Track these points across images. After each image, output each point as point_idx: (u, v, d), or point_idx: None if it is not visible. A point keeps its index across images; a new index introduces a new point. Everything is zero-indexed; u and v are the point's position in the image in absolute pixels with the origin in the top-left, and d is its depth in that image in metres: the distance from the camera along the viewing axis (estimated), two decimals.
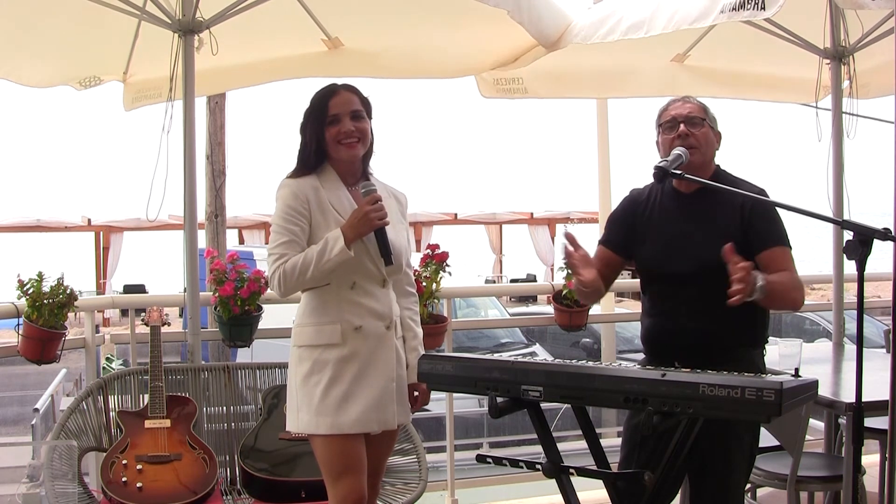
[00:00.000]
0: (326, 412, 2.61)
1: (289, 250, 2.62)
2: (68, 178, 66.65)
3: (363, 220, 2.60)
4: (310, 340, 2.68)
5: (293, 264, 2.60)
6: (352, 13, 4.19)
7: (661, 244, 2.74)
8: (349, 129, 2.68)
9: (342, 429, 2.61)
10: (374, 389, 2.66)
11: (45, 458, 3.06)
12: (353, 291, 2.67)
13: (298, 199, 2.66)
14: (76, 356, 4.52)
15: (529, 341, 11.57)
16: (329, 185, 2.72)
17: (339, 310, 2.66)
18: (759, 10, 2.98)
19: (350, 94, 2.73)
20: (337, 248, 2.56)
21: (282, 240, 2.64)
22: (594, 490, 3.19)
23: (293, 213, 2.65)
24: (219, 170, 8.25)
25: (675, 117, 2.72)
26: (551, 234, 20.17)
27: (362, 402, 2.63)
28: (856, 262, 2.23)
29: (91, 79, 4.36)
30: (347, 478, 2.61)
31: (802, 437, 2.96)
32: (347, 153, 2.71)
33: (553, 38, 3.87)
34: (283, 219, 2.65)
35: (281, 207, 2.67)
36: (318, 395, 2.62)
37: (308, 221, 2.66)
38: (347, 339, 2.65)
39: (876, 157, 3.67)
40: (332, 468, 2.63)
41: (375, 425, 2.67)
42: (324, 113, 2.70)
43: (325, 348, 2.65)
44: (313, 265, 2.58)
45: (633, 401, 2.11)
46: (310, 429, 2.64)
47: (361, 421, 2.63)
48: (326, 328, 2.65)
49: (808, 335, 10.67)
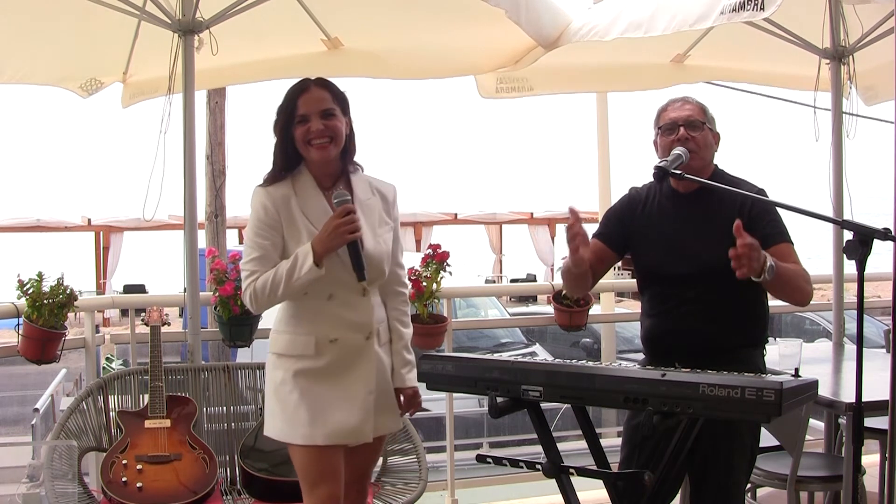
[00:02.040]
0: (299, 423, 2.53)
1: (259, 266, 2.53)
2: (68, 178, 66.60)
3: (333, 235, 2.47)
4: (284, 349, 2.60)
5: (264, 282, 2.51)
6: (352, 13, 4.19)
7: (660, 245, 2.74)
8: (318, 129, 2.55)
9: (315, 441, 2.52)
10: (349, 402, 2.56)
11: (45, 458, 3.05)
12: (331, 302, 2.56)
13: (268, 211, 2.55)
14: (76, 356, 4.52)
15: (529, 341, 11.56)
16: (303, 190, 2.60)
17: (315, 322, 2.57)
18: (759, 11, 2.98)
19: (322, 90, 2.59)
20: (306, 265, 2.46)
21: (252, 255, 2.55)
22: (594, 490, 3.19)
23: (263, 226, 2.55)
24: (219, 170, 8.25)
25: (675, 120, 2.72)
26: (551, 234, 20.17)
27: (336, 415, 2.54)
28: (856, 262, 2.23)
29: (92, 81, 4.36)
30: (323, 486, 2.54)
31: (802, 437, 2.96)
32: (318, 154, 2.57)
33: (552, 39, 3.87)
34: (254, 232, 2.56)
35: (252, 220, 2.57)
36: (292, 405, 2.55)
37: (280, 234, 2.55)
38: (322, 351, 2.55)
39: (876, 157, 3.67)
40: (308, 477, 2.56)
41: (350, 438, 2.57)
42: (292, 112, 2.57)
43: (299, 358, 2.56)
44: (283, 284, 2.49)
45: (633, 401, 2.11)
46: (283, 437, 2.59)
47: (334, 434, 2.53)
48: (301, 339, 2.57)
49: (808, 335, 10.67)
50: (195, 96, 3.71)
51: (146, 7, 3.66)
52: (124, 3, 3.59)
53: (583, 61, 4.59)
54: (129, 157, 43.59)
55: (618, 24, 3.57)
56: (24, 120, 74.10)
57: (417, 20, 4.22)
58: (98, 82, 4.39)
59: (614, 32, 3.57)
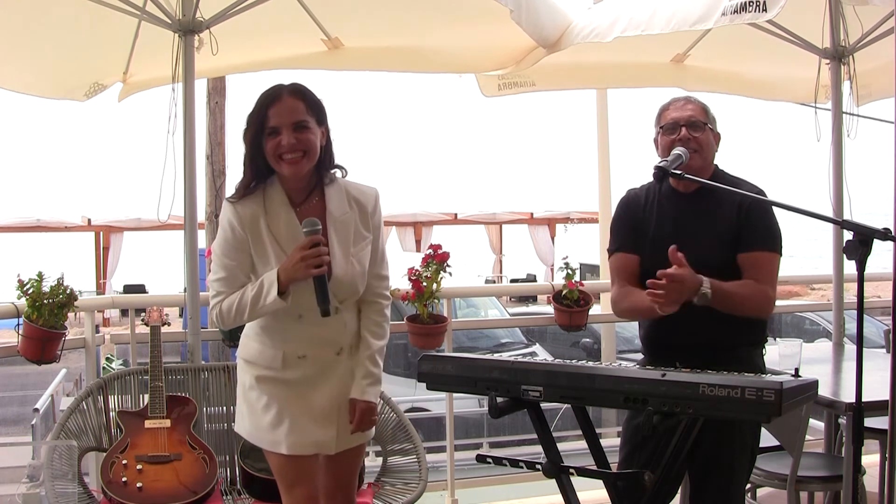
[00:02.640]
0: (264, 430, 2.54)
1: (225, 288, 2.48)
2: (68, 178, 66.63)
3: (297, 267, 2.38)
4: (252, 357, 2.58)
5: (229, 305, 2.46)
6: (352, 13, 4.19)
7: (660, 243, 2.74)
8: (290, 143, 2.41)
9: (279, 449, 2.52)
10: (312, 414, 2.52)
11: (45, 458, 3.05)
12: (300, 321, 2.50)
13: (235, 232, 2.47)
14: (76, 356, 4.52)
15: (529, 341, 11.57)
16: (273, 207, 2.49)
17: (284, 339, 2.52)
18: (762, 13, 2.98)
19: (295, 99, 2.44)
20: (271, 296, 2.39)
21: (219, 275, 2.49)
22: (594, 490, 3.19)
23: (229, 248, 2.48)
24: (219, 170, 8.26)
25: (677, 120, 2.72)
26: (551, 234, 20.19)
27: (298, 426, 2.51)
28: (856, 262, 2.23)
29: (94, 86, 4.36)
30: (299, 488, 2.54)
31: (802, 437, 2.96)
32: (289, 170, 2.44)
33: (552, 40, 3.87)
34: (221, 250, 2.50)
35: (219, 237, 2.51)
36: (258, 411, 2.55)
37: (248, 253, 2.48)
38: (289, 365, 2.52)
39: (876, 157, 3.67)
40: (284, 479, 2.57)
41: (312, 449, 2.54)
42: (263, 122, 2.43)
43: (266, 368, 2.54)
44: (248, 309, 2.44)
45: (633, 401, 2.11)
46: (252, 440, 2.60)
47: (297, 445, 2.51)
48: (269, 352, 2.54)
49: (808, 335, 10.67)
50: (195, 96, 3.71)
51: (146, 7, 3.66)
52: (124, 3, 3.58)
53: (584, 59, 4.59)
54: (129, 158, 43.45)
55: (618, 24, 3.57)
56: (24, 120, 74.11)
57: (417, 20, 4.22)
58: (100, 86, 4.38)
59: (615, 32, 3.57)
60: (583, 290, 4.44)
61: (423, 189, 41.94)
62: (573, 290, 4.42)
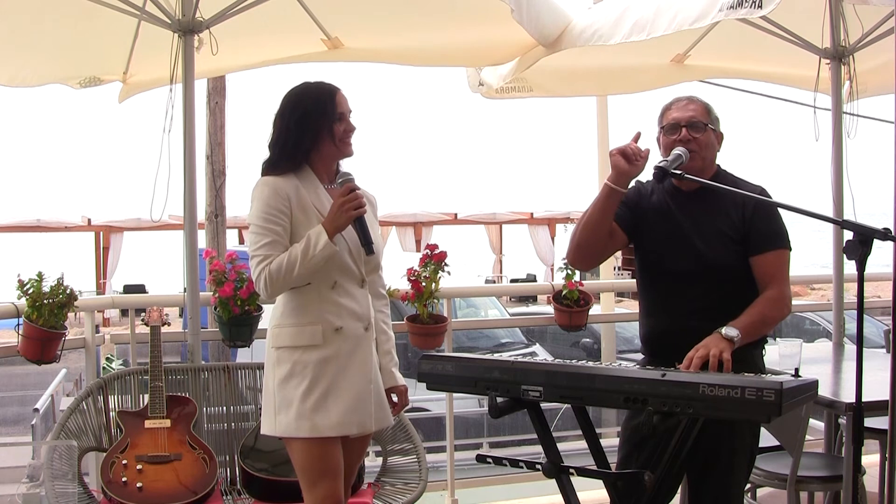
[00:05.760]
0: (306, 415, 2.57)
1: (272, 251, 2.56)
2: (68, 178, 66.70)
3: (339, 212, 2.56)
4: (289, 342, 2.63)
5: (279, 264, 2.54)
6: (352, 13, 4.19)
7: (661, 241, 2.74)
8: (354, 127, 2.71)
9: (322, 432, 2.56)
10: (353, 391, 2.62)
11: (45, 458, 3.06)
12: (334, 291, 2.63)
13: (280, 197, 2.59)
14: (76, 356, 4.52)
15: (529, 341, 11.57)
16: (308, 185, 2.67)
17: (320, 310, 2.61)
18: (757, 9, 2.99)
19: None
20: (321, 242, 2.52)
21: (264, 240, 2.57)
22: (594, 490, 3.19)
23: (275, 211, 2.59)
24: (219, 170, 8.24)
25: (678, 120, 2.71)
26: (551, 234, 20.17)
27: (342, 404, 2.59)
28: (856, 262, 2.23)
29: (91, 78, 4.36)
30: (325, 482, 2.58)
31: (802, 437, 2.96)
32: (350, 150, 2.73)
33: (552, 38, 3.87)
34: (263, 219, 2.59)
35: (260, 207, 2.60)
36: (298, 397, 2.58)
37: (290, 220, 2.60)
38: (328, 340, 2.60)
39: (876, 156, 3.67)
40: (310, 472, 2.59)
41: (355, 428, 2.63)
42: (332, 109, 2.66)
43: (306, 350, 2.60)
44: (299, 263, 2.53)
45: (633, 401, 2.11)
46: (289, 432, 2.60)
47: (341, 424, 2.59)
48: (307, 329, 2.61)
49: (808, 335, 10.66)
50: (195, 96, 3.71)
51: (146, 7, 3.66)
52: (124, 3, 3.59)
53: (582, 62, 4.59)
54: (129, 158, 43.47)
55: (620, 27, 3.56)
56: (24, 120, 74.12)
57: (417, 20, 4.22)
58: (97, 79, 4.38)
59: (617, 37, 3.56)
60: (583, 290, 4.45)
61: (423, 189, 42.03)
62: (573, 291, 4.42)
